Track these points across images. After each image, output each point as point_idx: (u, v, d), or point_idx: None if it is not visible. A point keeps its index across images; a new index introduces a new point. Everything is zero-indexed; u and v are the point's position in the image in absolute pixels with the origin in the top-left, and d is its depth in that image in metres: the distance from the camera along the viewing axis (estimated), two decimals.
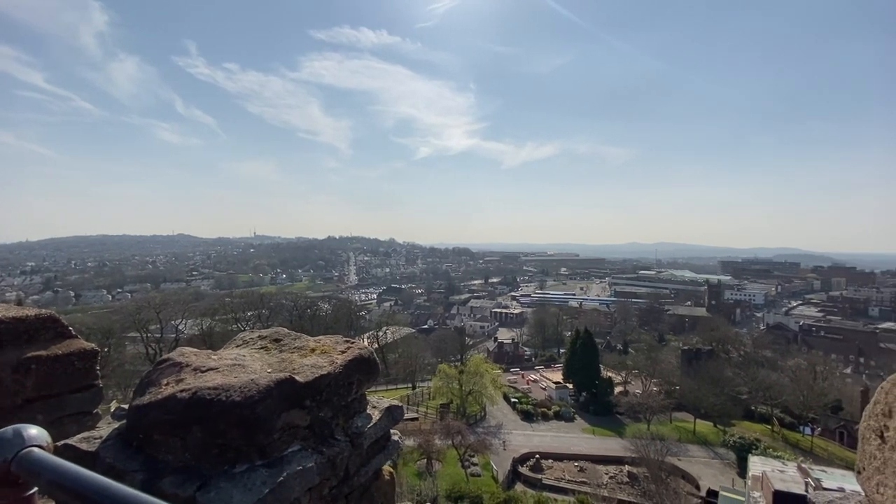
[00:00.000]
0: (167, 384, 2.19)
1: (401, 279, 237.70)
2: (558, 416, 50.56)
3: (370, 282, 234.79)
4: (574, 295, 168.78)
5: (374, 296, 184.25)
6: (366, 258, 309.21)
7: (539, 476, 37.98)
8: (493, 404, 50.49)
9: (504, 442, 42.76)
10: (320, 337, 2.76)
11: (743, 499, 31.14)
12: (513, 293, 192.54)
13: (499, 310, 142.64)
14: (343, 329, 76.58)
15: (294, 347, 2.65)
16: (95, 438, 2.10)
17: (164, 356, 2.49)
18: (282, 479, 1.84)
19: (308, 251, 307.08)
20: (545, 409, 51.41)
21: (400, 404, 2.68)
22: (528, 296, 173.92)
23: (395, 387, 62.53)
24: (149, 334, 55.11)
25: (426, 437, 36.05)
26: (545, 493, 34.30)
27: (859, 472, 1.69)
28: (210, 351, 2.61)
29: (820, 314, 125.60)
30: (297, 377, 2.15)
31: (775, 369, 55.69)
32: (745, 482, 35.53)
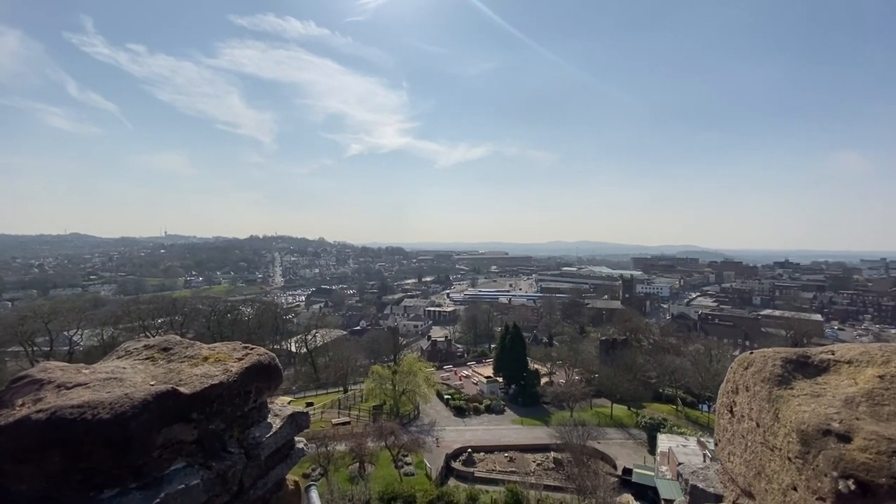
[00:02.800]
0: (22, 405, 1.91)
1: (331, 280, 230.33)
2: (489, 410, 52.02)
3: (298, 283, 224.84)
4: (504, 292, 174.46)
5: (303, 298, 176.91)
6: (293, 258, 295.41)
7: (471, 470, 38.82)
8: (426, 402, 50.73)
9: (437, 439, 43.16)
10: (216, 344, 2.57)
11: (653, 473, 34.33)
12: (446, 291, 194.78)
13: (432, 308, 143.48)
14: (268, 334, 72.63)
15: (185, 356, 2.44)
16: None
17: (22, 373, 2.17)
18: (159, 500, 1.69)
19: (228, 252, 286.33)
20: (477, 404, 52.66)
21: (305, 410, 2.57)
22: (461, 294, 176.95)
23: (325, 391, 60.47)
24: (35, 348, 48.31)
25: (358, 440, 35.35)
26: (477, 486, 35.12)
27: (717, 444, 1.92)
28: (82, 364, 2.32)
29: (714, 304, 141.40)
30: (182, 388, 1.98)
31: (679, 354, 61.80)
32: (655, 458, 39.26)
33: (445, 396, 54.35)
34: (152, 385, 2.04)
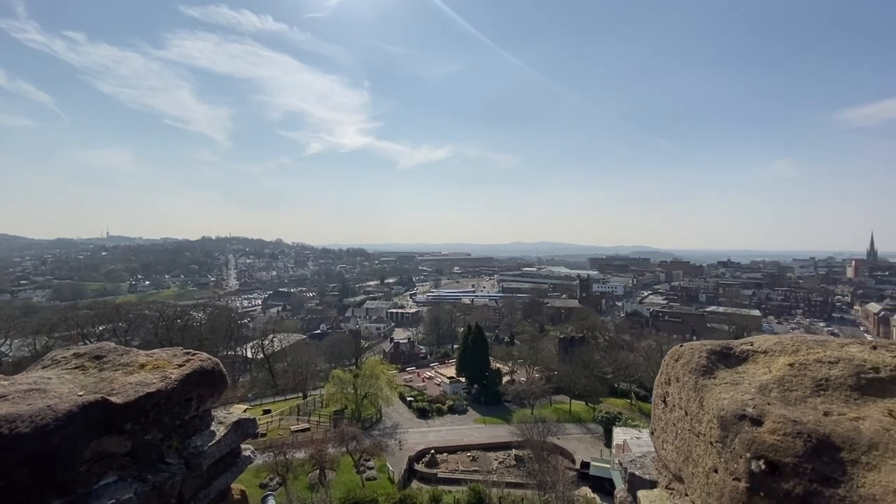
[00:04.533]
0: None
1: (290, 282, 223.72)
2: (452, 410, 52.23)
3: (254, 286, 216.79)
4: (467, 292, 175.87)
5: (259, 301, 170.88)
6: (248, 261, 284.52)
7: (434, 471, 38.80)
8: (389, 405, 50.26)
9: (400, 442, 42.85)
10: (155, 350, 2.44)
11: (609, 465, 35.65)
12: (409, 293, 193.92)
13: (395, 310, 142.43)
14: (222, 340, 69.60)
15: (119, 364, 2.31)
16: None
17: None
18: None
19: (177, 254, 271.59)
20: (440, 405, 52.74)
21: (251, 417, 2.49)
22: (424, 295, 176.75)
23: (284, 398, 58.63)
24: None
25: (318, 446, 34.53)
26: (440, 487, 35.17)
27: (652, 433, 2.04)
28: (2, 376, 2.14)
29: (665, 301, 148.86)
30: (113, 398, 1.87)
31: (633, 350, 64.60)
32: (611, 451, 40.79)
33: (408, 398, 54.08)
34: (80, 396, 1.91)
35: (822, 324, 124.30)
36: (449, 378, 62.32)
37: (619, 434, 40.55)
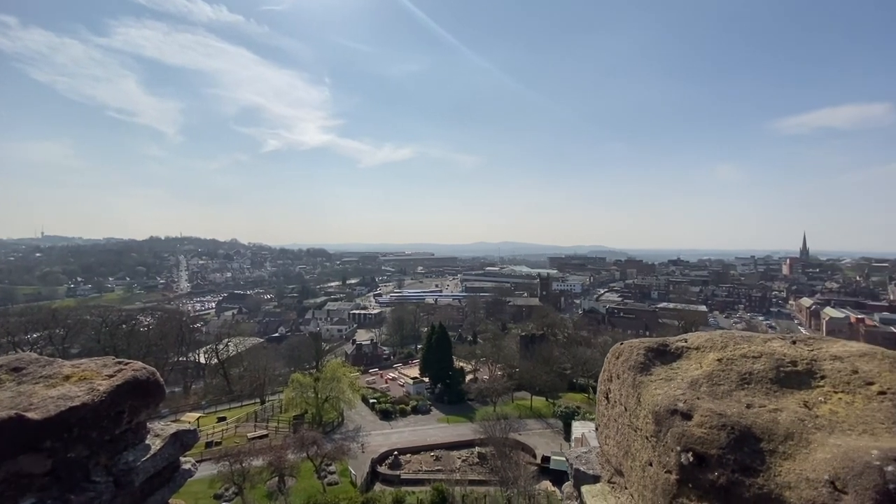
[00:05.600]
0: None
1: (246, 284, 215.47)
2: (416, 411, 52.08)
3: (207, 289, 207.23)
4: (430, 292, 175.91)
5: (213, 304, 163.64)
6: (201, 262, 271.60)
7: (398, 472, 38.55)
8: (351, 408, 49.45)
9: (363, 444, 42.30)
10: (83, 360, 2.27)
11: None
12: (372, 293, 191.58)
13: (357, 311, 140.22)
14: (173, 345, 66.13)
15: (41, 377, 2.12)
16: None
17: None
18: None
19: (122, 255, 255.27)
20: (403, 406, 52.45)
21: (192, 428, 2.36)
22: (387, 295, 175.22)
23: (240, 404, 56.47)
24: None
25: (277, 453, 33.48)
26: (404, 488, 34.99)
27: (597, 428, 2.10)
28: None
29: (619, 298, 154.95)
30: (30, 414, 1.72)
31: (590, 346, 66.81)
32: (570, 444, 42.00)
33: (371, 400, 53.46)
34: None
35: (761, 317, 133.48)
36: (412, 378, 62.11)
37: (578, 428, 41.83)
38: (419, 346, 79.11)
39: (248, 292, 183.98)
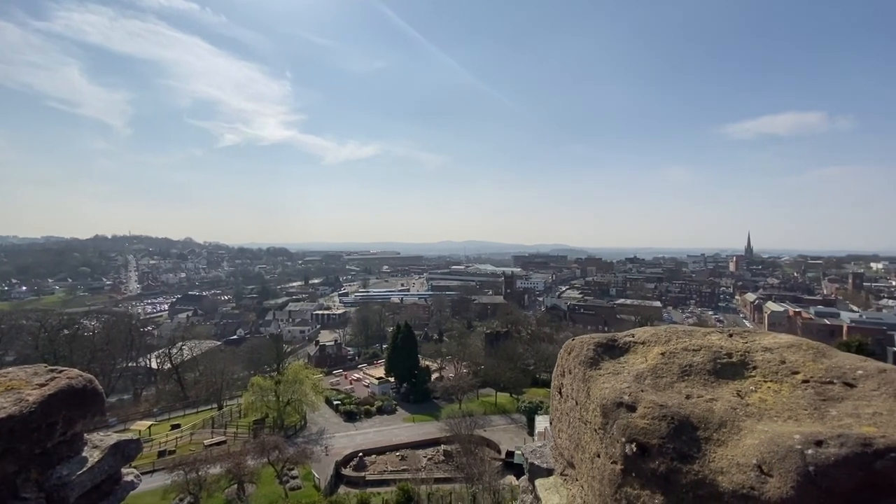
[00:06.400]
0: None
1: (202, 285, 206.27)
2: (381, 411, 51.65)
3: (159, 290, 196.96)
4: (396, 291, 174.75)
5: (166, 306, 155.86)
6: (153, 262, 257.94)
7: (362, 474, 38.12)
8: (314, 411, 48.44)
9: (326, 447, 41.56)
10: (11, 369, 2.10)
11: None
12: (336, 293, 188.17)
13: (321, 312, 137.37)
14: (121, 350, 62.43)
15: None
16: None
17: None
18: None
19: (64, 255, 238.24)
20: (368, 406, 51.89)
21: (134, 438, 2.23)
22: (352, 295, 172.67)
23: (196, 410, 54.14)
24: None
25: (236, 459, 32.31)
26: (369, 490, 34.64)
27: (551, 423, 2.16)
28: None
29: (580, 295, 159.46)
30: None
31: (552, 342, 68.46)
32: (534, 439, 42.92)
33: (335, 402, 52.58)
34: None
35: (710, 312, 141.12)
36: (378, 379, 61.55)
37: (541, 422, 42.77)
38: (385, 346, 78.50)
39: (204, 293, 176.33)
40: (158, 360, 63.94)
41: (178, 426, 47.07)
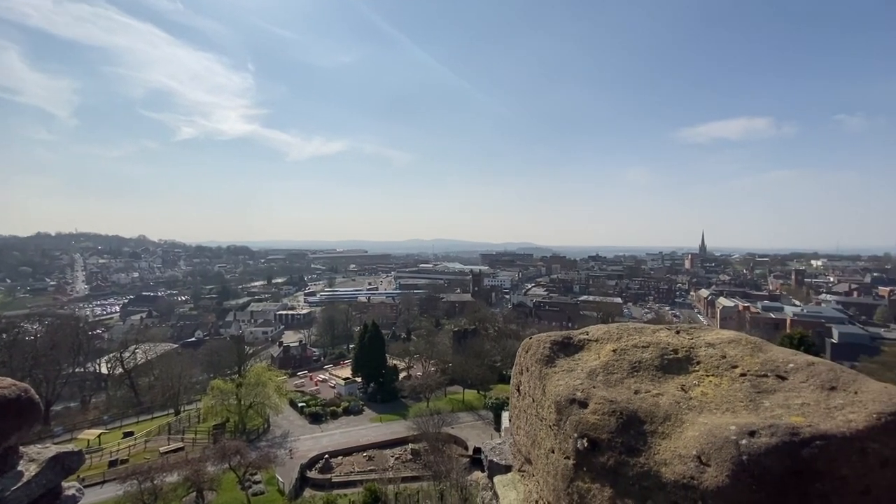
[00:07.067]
0: None
1: (157, 285, 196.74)
2: (347, 412, 51.00)
3: (110, 291, 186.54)
4: (363, 290, 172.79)
5: (117, 308, 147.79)
6: (102, 261, 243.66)
7: (328, 476, 37.52)
8: (278, 413, 47.23)
9: (291, 450, 40.64)
10: None
11: None
12: (300, 293, 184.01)
13: (284, 312, 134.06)
14: (67, 355, 58.58)
15: None
16: None
17: None
18: None
19: (2, 253, 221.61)
20: (334, 408, 51.12)
21: (77, 450, 2.11)
22: (317, 294, 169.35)
23: (151, 416, 51.68)
24: None
25: (195, 466, 31.06)
26: (335, 492, 34.16)
27: (510, 420, 2.21)
28: None
29: (545, 292, 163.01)
30: None
31: (519, 339, 69.55)
32: (500, 434, 43.62)
33: (300, 404, 51.48)
34: None
35: (667, 308, 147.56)
36: (344, 379, 60.71)
37: (508, 418, 43.66)
38: (351, 346, 77.51)
39: (160, 294, 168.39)
40: (109, 365, 60.55)
41: (131, 434, 44.77)
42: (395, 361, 62.35)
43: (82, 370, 61.24)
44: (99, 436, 43.25)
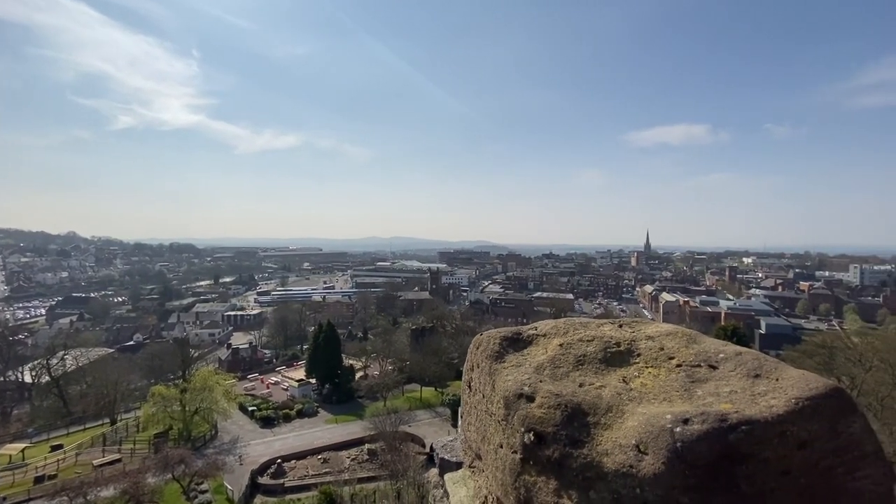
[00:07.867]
0: None
1: (89, 286, 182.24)
2: (301, 415, 49.62)
3: (34, 292, 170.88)
4: (318, 289, 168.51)
5: (43, 311, 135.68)
6: (24, 259, 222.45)
7: (281, 481, 36.39)
8: (227, 418, 45.15)
9: (241, 456, 39.08)
10: None
11: None
12: (250, 293, 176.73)
13: (233, 313, 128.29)
14: None
15: None
16: None
17: None
18: None
19: None
20: (287, 410, 49.57)
21: None
22: (269, 294, 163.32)
23: (83, 427, 47.88)
24: None
25: (133, 478, 29.18)
26: (288, 497, 33.23)
27: (461, 417, 2.21)
28: None
29: (501, 290, 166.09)
30: None
31: (475, 335, 70.45)
32: (458, 431, 44.18)
33: (251, 408, 49.50)
34: None
35: (615, 303, 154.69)
36: (298, 381, 59.02)
37: (460, 415, 44.18)
38: (305, 347, 75.46)
39: (93, 294, 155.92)
40: (34, 373, 55.49)
41: (59, 447, 41.27)
42: (351, 361, 61.35)
43: (2, 379, 55.88)
44: (23, 450, 39.62)
